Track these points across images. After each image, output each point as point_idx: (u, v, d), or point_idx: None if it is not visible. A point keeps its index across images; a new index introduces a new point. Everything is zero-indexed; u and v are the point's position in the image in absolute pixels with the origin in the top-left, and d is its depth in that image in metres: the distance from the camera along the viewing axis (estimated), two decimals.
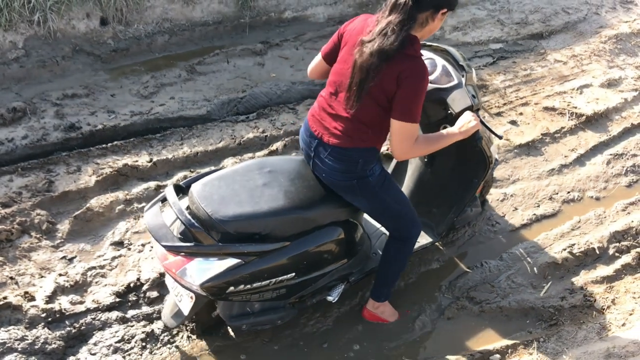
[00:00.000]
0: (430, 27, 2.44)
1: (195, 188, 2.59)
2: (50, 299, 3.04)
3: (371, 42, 2.34)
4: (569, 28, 5.95)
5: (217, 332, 2.96)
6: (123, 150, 4.01)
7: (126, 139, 4.12)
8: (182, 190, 2.68)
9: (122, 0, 5.06)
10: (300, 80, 4.91)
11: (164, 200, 2.64)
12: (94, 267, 3.25)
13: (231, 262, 2.44)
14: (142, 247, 3.39)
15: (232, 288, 2.49)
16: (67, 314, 2.99)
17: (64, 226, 3.47)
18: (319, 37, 5.51)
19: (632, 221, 3.71)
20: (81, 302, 3.06)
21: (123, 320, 3.01)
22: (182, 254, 2.46)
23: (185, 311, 2.67)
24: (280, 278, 2.58)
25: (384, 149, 3.71)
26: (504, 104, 4.78)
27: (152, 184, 3.76)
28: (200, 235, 2.46)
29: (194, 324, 2.96)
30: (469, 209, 3.35)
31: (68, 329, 2.92)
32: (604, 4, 6.37)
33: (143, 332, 2.96)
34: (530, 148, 4.34)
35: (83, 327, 2.95)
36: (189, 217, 2.47)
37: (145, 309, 3.07)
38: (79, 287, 3.15)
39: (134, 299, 3.11)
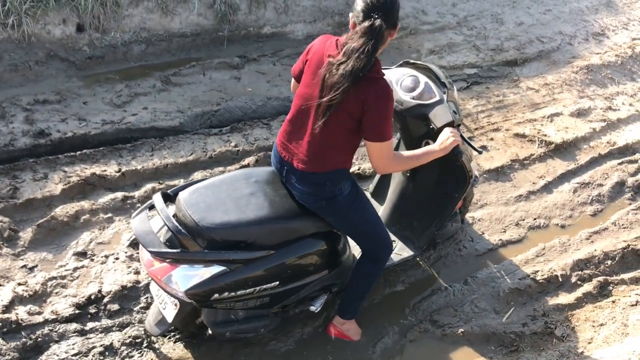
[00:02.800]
0: (386, 45, 2.49)
1: (182, 196, 2.61)
2: (7, 308, 2.98)
3: (344, 63, 2.35)
4: (543, 57, 6.07)
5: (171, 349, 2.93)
6: (92, 159, 3.96)
7: (96, 148, 4.07)
8: (169, 198, 2.70)
9: (99, 7, 5.03)
10: (276, 95, 4.92)
11: (151, 207, 2.66)
12: (54, 277, 3.19)
13: (216, 269, 2.47)
14: (105, 258, 3.35)
15: (216, 295, 2.51)
16: (24, 324, 2.92)
17: (26, 234, 3.41)
18: (296, 53, 5.53)
19: (596, 250, 3.77)
20: (39, 313, 3.00)
21: (81, 333, 2.96)
22: (168, 260, 2.48)
23: (169, 318, 2.69)
24: (264, 286, 2.62)
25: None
26: (476, 129, 4.84)
27: (119, 195, 3.72)
28: (187, 241, 2.48)
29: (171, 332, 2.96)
30: (449, 223, 3.41)
31: (24, 340, 2.86)
32: (577, 35, 6.52)
33: (101, 345, 2.91)
34: (499, 173, 4.40)
35: (39, 339, 2.89)
36: (176, 223, 2.49)
37: (105, 322, 3.03)
38: (38, 297, 3.09)
39: (94, 311, 3.06)
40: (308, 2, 6.07)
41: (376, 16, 2.35)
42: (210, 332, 2.70)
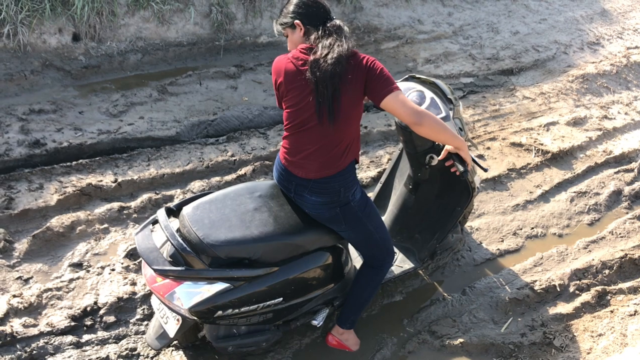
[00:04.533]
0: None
1: (186, 211, 2.59)
2: (2, 321, 2.95)
3: (328, 54, 2.44)
4: (539, 66, 6.09)
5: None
6: (88, 169, 3.94)
7: (92, 158, 4.05)
8: (172, 212, 2.69)
9: (95, 16, 5.03)
10: (273, 105, 4.92)
11: (154, 222, 2.65)
12: (50, 289, 3.16)
13: (220, 286, 2.45)
14: (101, 269, 3.32)
15: (220, 312, 2.49)
16: (19, 337, 2.89)
17: (21, 245, 3.38)
18: None
19: (593, 259, 3.76)
20: (34, 325, 2.97)
21: (77, 345, 2.93)
22: (171, 277, 2.46)
23: (171, 333, 2.67)
24: (268, 303, 2.60)
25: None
26: (473, 138, 4.84)
27: (115, 205, 3.69)
28: (191, 259, 2.47)
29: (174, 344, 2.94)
30: (450, 235, 3.39)
31: (19, 352, 2.83)
32: (572, 44, 6.55)
33: (97, 358, 2.88)
34: (496, 183, 4.40)
35: (35, 352, 2.86)
36: (180, 241, 2.48)
37: (101, 334, 3.00)
38: (33, 309, 3.06)
39: (89, 323, 3.03)
40: None
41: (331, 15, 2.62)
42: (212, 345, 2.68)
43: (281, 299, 2.63)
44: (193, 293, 2.43)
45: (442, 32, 6.39)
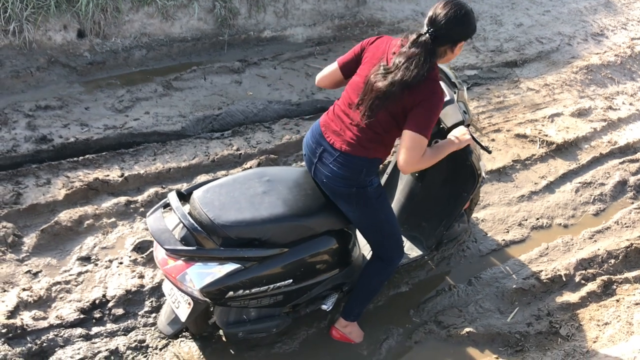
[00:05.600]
0: (449, 57, 2.56)
1: (197, 194, 2.64)
2: (12, 314, 2.98)
3: (393, 72, 2.44)
4: (542, 57, 6.08)
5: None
6: (94, 164, 3.97)
7: (98, 153, 4.07)
8: (183, 197, 2.72)
9: (100, 13, 5.04)
10: (277, 99, 4.93)
11: (165, 206, 2.69)
12: (59, 282, 3.19)
13: (231, 267, 2.48)
14: (109, 262, 3.35)
15: (231, 293, 2.52)
16: (29, 329, 2.93)
17: (30, 240, 3.41)
18: (297, 57, 5.55)
19: (599, 249, 3.77)
20: (44, 318, 3.01)
21: (86, 337, 2.96)
22: (183, 258, 2.49)
23: (183, 317, 2.71)
24: (278, 284, 2.63)
25: None
26: (477, 130, 4.84)
27: (122, 199, 3.72)
28: (203, 239, 2.52)
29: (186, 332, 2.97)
30: (456, 224, 3.42)
31: (29, 345, 2.86)
32: (576, 35, 6.53)
33: (107, 350, 2.91)
34: (501, 174, 4.41)
35: (45, 344, 2.89)
36: (192, 221, 2.51)
37: (110, 326, 3.03)
38: (43, 303, 3.09)
39: (98, 315, 3.07)
40: (308, 6, 6.09)
41: (431, 30, 2.44)
42: (222, 332, 2.71)
43: (291, 280, 2.67)
44: (204, 274, 2.46)
45: None
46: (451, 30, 2.45)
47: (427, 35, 2.44)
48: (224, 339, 3.00)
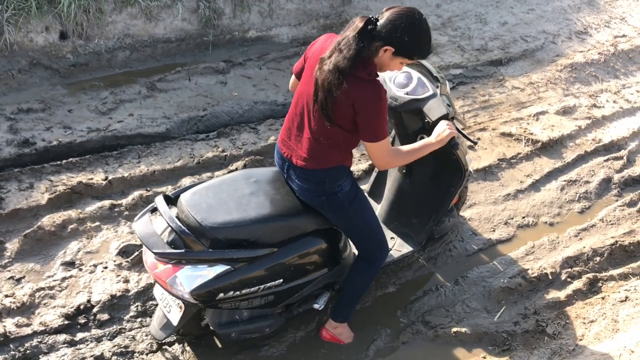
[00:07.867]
0: (379, 61, 2.46)
1: (184, 197, 2.63)
2: None
3: (329, 58, 2.40)
4: (527, 56, 6.10)
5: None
6: (78, 167, 3.93)
7: (82, 156, 4.03)
8: (170, 200, 2.71)
9: (82, 14, 4.99)
10: (263, 100, 4.91)
11: (153, 210, 2.68)
12: (42, 288, 3.16)
13: (221, 268, 2.49)
14: (94, 267, 3.31)
15: (221, 295, 2.53)
16: (12, 337, 2.90)
17: (13, 245, 3.37)
18: (282, 57, 5.52)
19: (584, 247, 3.79)
20: (27, 325, 2.97)
21: (71, 344, 2.93)
22: (172, 262, 2.49)
23: (175, 321, 2.70)
24: (268, 284, 2.64)
25: None
26: (462, 129, 4.85)
27: (106, 203, 3.68)
28: (191, 241, 2.51)
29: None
30: (446, 219, 3.43)
31: (12, 352, 2.83)
32: (560, 33, 6.56)
33: (92, 356, 2.89)
34: (487, 173, 4.42)
35: (28, 351, 2.86)
36: (179, 224, 2.51)
37: (95, 332, 3.00)
38: (26, 309, 3.06)
39: (83, 321, 3.04)
40: (292, 5, 6.06)
41: (374, 18, 2.40)
42: (215, 334, 2.70)
43: (281, 280, 2.68)
44: (194, 276, 2.46)
45: (430, 24, 6.37)
46: (396, 34, 2.39)
47: (372, 25, 2.38)
48: (216, 340, 2.98)
